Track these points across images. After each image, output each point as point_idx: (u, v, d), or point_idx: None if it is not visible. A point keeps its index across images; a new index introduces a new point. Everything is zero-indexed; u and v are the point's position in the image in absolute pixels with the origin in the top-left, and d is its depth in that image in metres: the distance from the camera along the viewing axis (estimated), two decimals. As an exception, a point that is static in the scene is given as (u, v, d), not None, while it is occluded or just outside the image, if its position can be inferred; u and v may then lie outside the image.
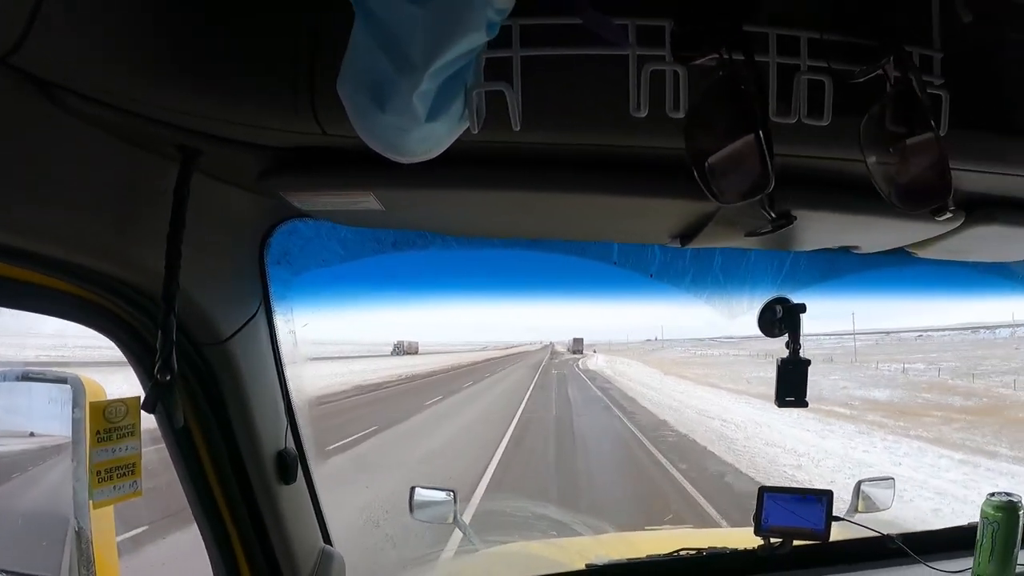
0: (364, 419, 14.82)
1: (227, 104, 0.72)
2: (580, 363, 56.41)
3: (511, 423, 15.60)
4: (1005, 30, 0.80)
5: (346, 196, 0.91)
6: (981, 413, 17.57)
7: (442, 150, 0.67)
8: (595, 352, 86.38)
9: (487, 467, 10.30)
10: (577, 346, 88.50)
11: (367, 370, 31.79)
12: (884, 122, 0.72)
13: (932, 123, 0.69)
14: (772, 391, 1.34)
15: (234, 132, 0.78)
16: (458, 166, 0.79)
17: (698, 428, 15.37)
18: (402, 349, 67.92)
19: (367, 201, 0.92)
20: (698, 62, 0.66)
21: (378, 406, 18.99)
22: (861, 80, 0.72)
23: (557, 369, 44.52)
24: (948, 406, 19.44)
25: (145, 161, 0.85)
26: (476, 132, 0.67)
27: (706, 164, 0.66)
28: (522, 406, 19.50)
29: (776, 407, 1.32)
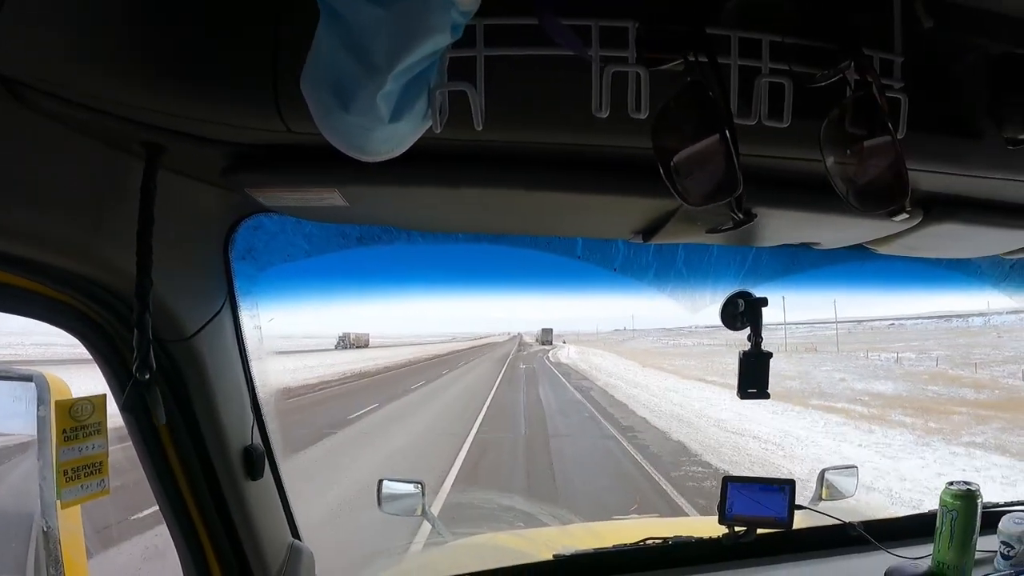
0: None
1: (191, 101, 0.72)
2: (551, 355, 55.49)
3: (459, 453, 11.00)
4: (964, 36, 0.84)
5: (311, 193, 0.92)
6: (1010, 409, 16.13)
7: (405, 148, 0.69)
8: (564, 343, 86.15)
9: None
10: (546, 337, 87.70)
11: (303, 368, 27.84)
12: (843, 125, 0.75)
13: (890, 126, 0.71)
14: (778, 388, 1.34)
15: (198, 129, 0.78)
16: (423, 163, 0.81)
17: (736, 456, 11.46)
18: (348, 342, 63.60)
19: (332, 198, 0.93)
20: (665, 67, 0.69)
21: (295, 417, 13.89)
22: (822, 84, 0.74)
23: (526, 363, 42.50)
24: (966, 400, 18.37)
25: (110, 158, 0.86)
26: (439, 131, 0.68)
27: (672, 164, 0.68)
28: (479, 419, 15.24)
29: (791, 410, 1.33)
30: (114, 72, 0.69)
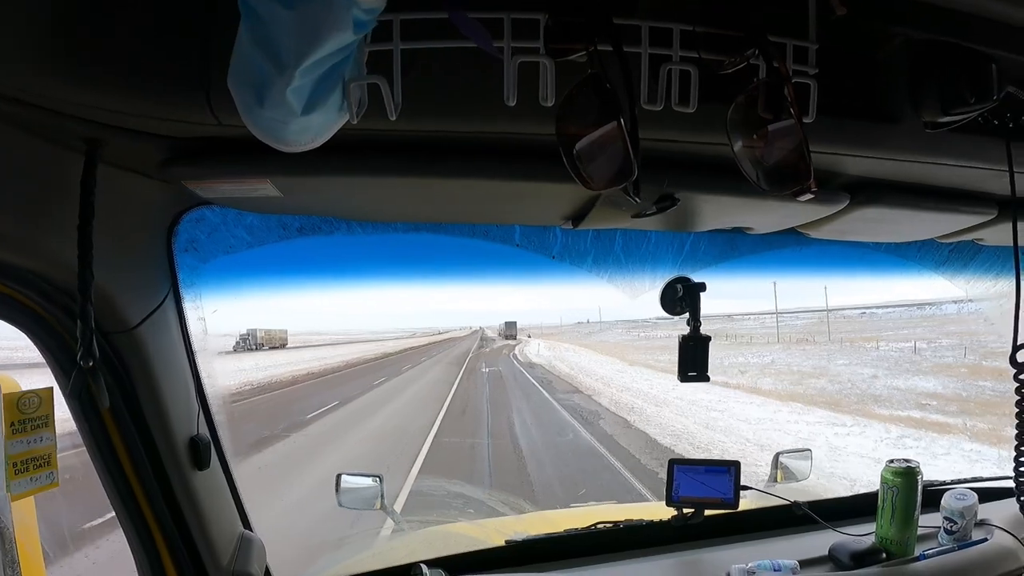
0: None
1: (126, 97, 0.74)
2: (518, 351, 50.64)
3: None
4: (886, 23, 0.89)
5: (244, 183, 0.96)
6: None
7: (325, 139, 0.72)
8: (530, 337, 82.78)
9: None
10: (510, 331, 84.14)
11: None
12: (749, 110, 0.78)
13: (793, 110, 0.74)
14: (810, 390, 1.33)
15: (135, 123, 0.81)
16: (350, 153, 0.86)
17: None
18: (254, 342, 54.60)
19: (265, 188, 0.96)
20: (570, 58, 0.72)
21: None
22: (730, 71, 0.78)
23: (489, 364, 35.03)
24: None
25: (50, 153, 0.88)
26: (355, 122, 0.72)
27: (574, 151, 0.71)
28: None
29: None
30: (48, 69, 0.71)
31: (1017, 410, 1.17)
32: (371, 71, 0.70)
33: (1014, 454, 1.19)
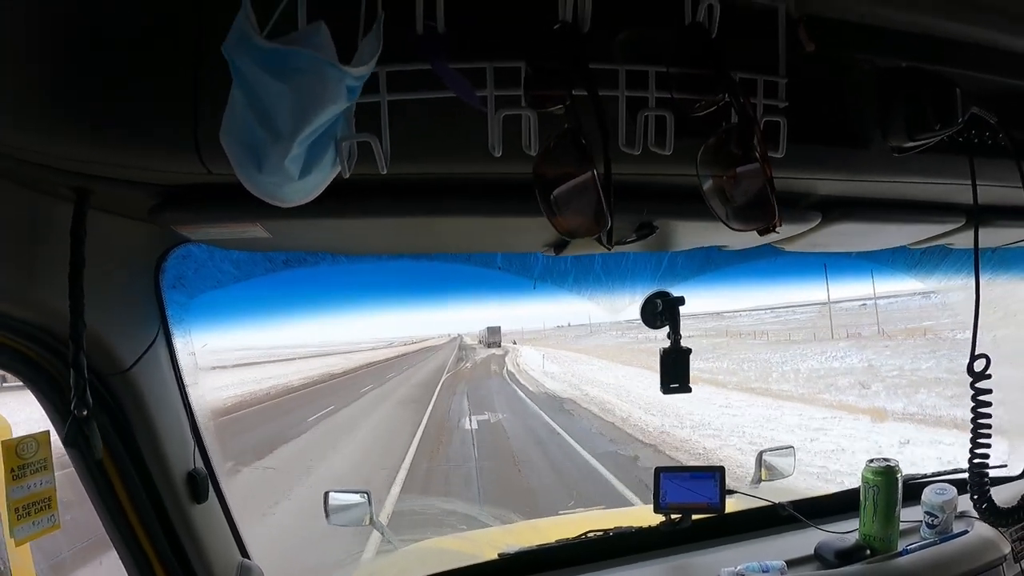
0: None
1: (115, 149, 0.75)
2: (511, 364, 36.99)
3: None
4: (852, 52, 0.91)
5: (234, 227, 0.96)
6: None
7: (317, 195, 0.72)
8: (516, 344, 69.81)
9: None
10: (493, 337, 68.84)
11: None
12: (719, 151, 0.80)
13: (760, 154, 0.76)
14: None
15: (124, 173, 0.81)
16: (340, 197, 0.84)
17: None
18: None
19: (254, 231, 0.97)
20: (549, 109, 0.73)
21: None
22: (701, 113, 0.79)
23: (469, 383, 25.53)
24: None
25: (38, 202, 0.89)
26: (347, 176, 0.73)
27: (552, 197, 0.72)
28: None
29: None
30: (37, 124, 0.72)
31: (972, 415, 1.20)
32: (359, 121, 0.71)
33: (969, 455, 1.23)
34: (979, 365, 1.10)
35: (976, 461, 1.22)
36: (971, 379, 1.13)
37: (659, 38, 0.78)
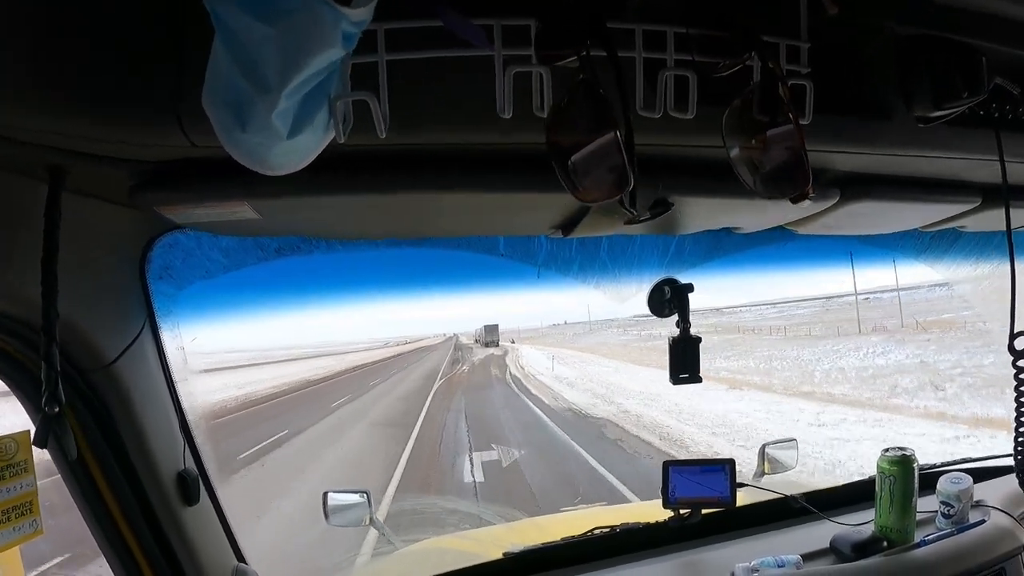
0: None
1: (91, 121, 0.70)
2: (514, 366, 33.51)
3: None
4: (874, 19, 0.88)
5: (221, 207, 0.90)
6: None
7: (310, 160, 0.68)
8: (514, 343, 67.19)
9: None
10: (491, 336, 65.74)
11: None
12: (745, 114, 0.76)
13: (791, 114, 0.72)
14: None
15: (101, 149, 0.76)
16: (333, 171, 0.81)
17: None
18: None
19: (243, 211, 0.92)
20: (561, 63, 0.68)
21: None
22: (725, 74, 0.76)
23: (467, 394, 21.19)
24: None
25: (10, 183, 0.83)
26: (343, 141, 0.67)
27: (568, 163, 0.67)
28: None
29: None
30: (8, 96, 0.67)
31: (1016, 395, 1.18)
32: (354, 84, 0.66)
33: (1014, 435, 1.21)
34: (1020, 343, 1.07)
35: (1021, 439, 1.20)
36: (1012, 357, 1.10)
37: None
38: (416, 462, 10.81)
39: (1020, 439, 1.19)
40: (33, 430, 0.99)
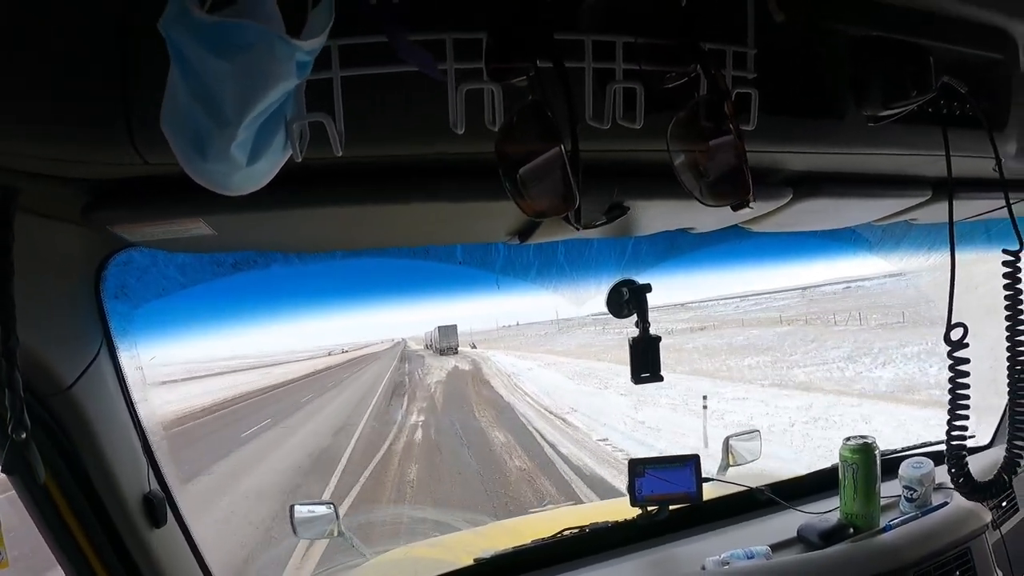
0: None
1: (38, 140, 0.67)
2: (501, 389, 21.70)
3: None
4: (823, 22, 0.89)
5: (175, 224, 0.88)
6: None
7: (267, 182, 0.66)
8: (475, 347, 53.91)
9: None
10: (447, 340, 49.82)
11: None
12: (690, 125, 0.77)
13: (733, 125, 0.73)
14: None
15: (51, 168, 0.73)
16: (289, 186, 0.78)
17: None
18: None
19: (198, 228, 0.89)
20: (512, 80, 0.69)
21: None
22: (671, 85, 0.77)
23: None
24: None
25: None
26: (299, 160, 0.66)
27: (516, 177, 0.67)
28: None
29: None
30: None
31: (950, 386, 1.16)
32: (309, 98, 0.65)
33: (947, 427, 1.21)
34: (956, 334, 1.08)
35: (954, 434, 1.19)
36: (948, 348, 1.10)
37: (627, 6, 0.74)
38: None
39: (953, 433, 1.19)
40: None
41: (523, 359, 34.44)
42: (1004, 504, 1.82)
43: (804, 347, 22.21)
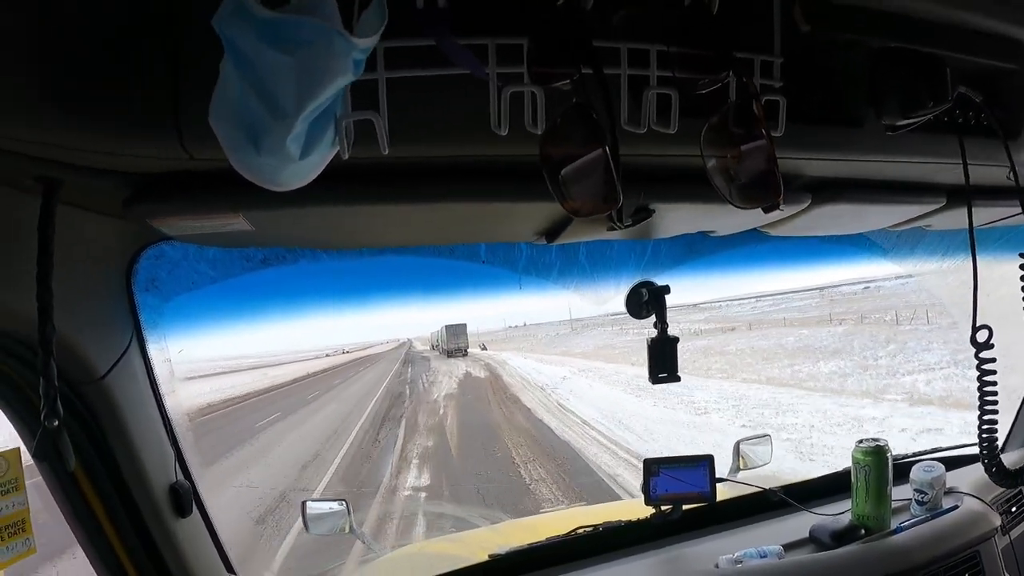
0: None
1: (88, 133, 0.68)
2: (531, 403, 16.44)
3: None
4: (845, 33, 0.91)
5: (215, 219, 0.89)
6: None
7: (314, 178, 0.68)
8: (485, 348, 50.43)
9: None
10: (455, 340, 44.70)
11: None
12: (722, 130, 0.79)
13: (764, 130, 0.76)
14: None
15: (96, 161, 0.74)
16: (331, 184, 0.79)
17: None
18: None
19: (236, 223, 0.91)
20: (554, 84, 0.71)
21: None
22: (704, 92, 0.79)
23: None
24: None
25: (2, 196, 0.82)
26: (346, 157, 0.68)
27: (559, 177, 0.70)
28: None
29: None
30: (7, 109, 0.65)
31: (978, 384, 1.21)
32: (354, 100, 0.68)
33: (978, 425, 1.25)
34: (982, 336, 1.12)
35: (985, 427, 1.24)
36: (975, 349, 1.14)
37: (659, 16, 0.76)
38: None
39: (984, 425, 1.23)
40: (23, 446, 0.98)
41: (546, 363, 29.45)
42: (1014, 510, 1.83)
43: (882, 349, 19.35)
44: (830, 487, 1.89)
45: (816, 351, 21.06)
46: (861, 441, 1.67)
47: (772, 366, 19.59)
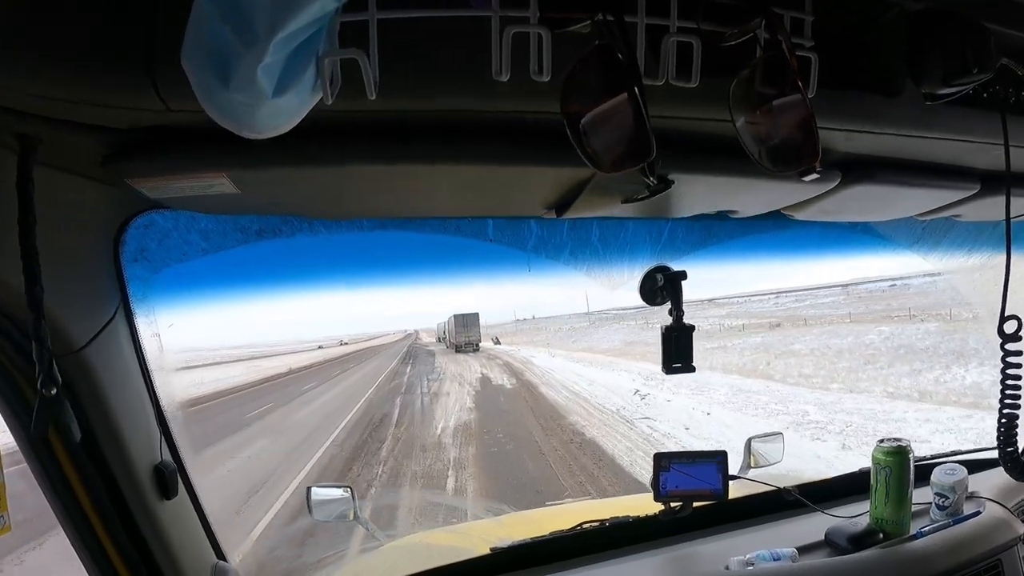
0: None
1: (60, 81, 0.65)
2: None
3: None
4: None
5: (197, 179, 0.85)
6: None
7: (295, 123, 0.64)
8: (498, 343, 46.99)
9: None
10: (466, 332, 40.19)
11: None
12: (753, 84, 0.74)
13: (800, 85, 0.70)
14: None
15: (72, 113, 0.71)
16: (315, 140, 0.76)
17: None
18: None
19: (221, 184, 0.86)
20: (571, 28, 0.66)
21: None
22: (732, 43, 0.74)
23: None
24: None
25: None
26: (330, 103, 0.64)
27: (580, 127, 0.65)
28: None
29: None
30: None
31: (1001, 377, 1.17)
32: (343, 44, 0.62)
33: (998, 420, 1.20)
34: (1010, 327, 1.07)
35: (1004, 420, 1.20)
36: (1000, 340, 1.09)
37: None
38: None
39: (1003, 416, 1.18)
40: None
41: (583, 364, 23.76)
42: (1037, 518, 1.76)
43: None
44: (847, 488, 1.83)
45: (920, 352, 17.57)
46: (882, 441, 1.60)
47: (875, 371, 16.22)
